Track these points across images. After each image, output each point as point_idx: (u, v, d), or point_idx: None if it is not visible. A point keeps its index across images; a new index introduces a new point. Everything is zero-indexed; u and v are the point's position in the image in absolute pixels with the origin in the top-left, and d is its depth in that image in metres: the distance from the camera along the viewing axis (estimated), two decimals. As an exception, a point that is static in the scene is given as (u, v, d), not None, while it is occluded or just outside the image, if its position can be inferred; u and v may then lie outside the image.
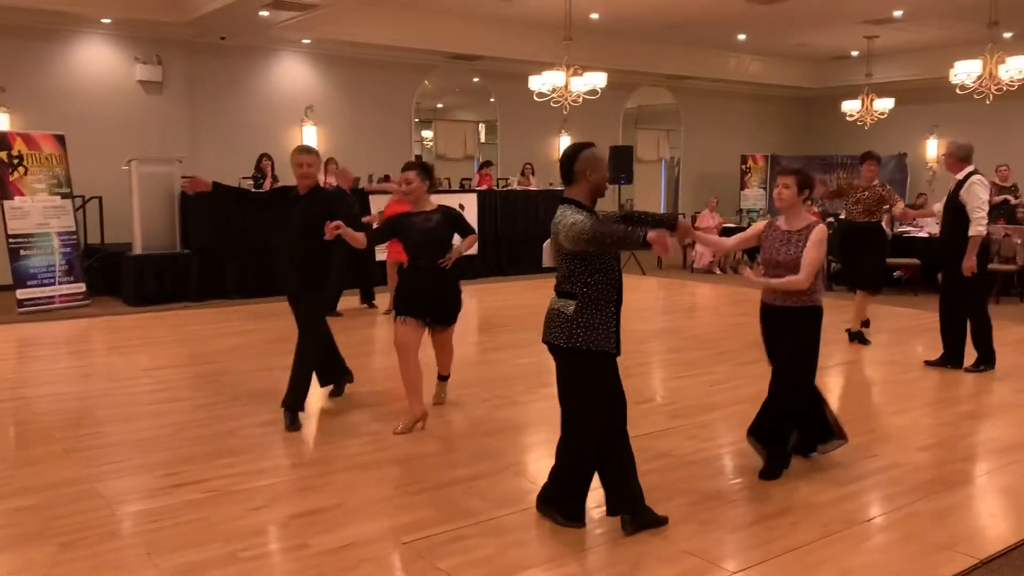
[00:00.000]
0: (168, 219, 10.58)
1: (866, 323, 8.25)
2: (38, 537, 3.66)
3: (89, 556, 3.50)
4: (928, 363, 6.99)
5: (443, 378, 5.83)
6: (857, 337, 8.00)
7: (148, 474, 4.45)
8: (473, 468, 4.55)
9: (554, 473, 3.86)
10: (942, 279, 7.06)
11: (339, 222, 4.98)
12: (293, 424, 5.24)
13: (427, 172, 5.30)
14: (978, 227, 6.45)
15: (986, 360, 6.80)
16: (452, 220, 5.33)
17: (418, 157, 15.29)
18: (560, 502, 3.81)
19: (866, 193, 7.80)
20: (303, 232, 5.19)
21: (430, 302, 5.23)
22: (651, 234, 3.33)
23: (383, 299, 9.75)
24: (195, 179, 5.40)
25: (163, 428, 5.29)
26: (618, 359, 3.69)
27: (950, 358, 6.88)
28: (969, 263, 6.47)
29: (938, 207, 7.17)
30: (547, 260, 4.02)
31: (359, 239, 5.13)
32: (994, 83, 11.15)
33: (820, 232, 4.26)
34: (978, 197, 6.45)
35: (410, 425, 5.17)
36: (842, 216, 9.82)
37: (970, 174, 6.54)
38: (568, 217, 3.55)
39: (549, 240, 3.80)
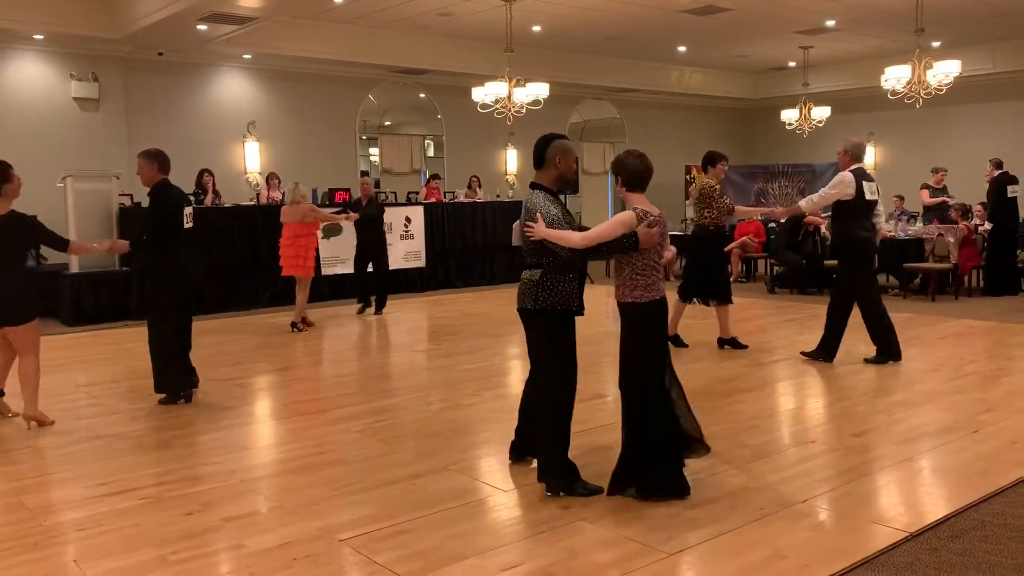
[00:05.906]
0: (105, 236, 10.32)
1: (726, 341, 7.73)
2: (-42, 549, 3.53)
3: (13, 566, 3.37)
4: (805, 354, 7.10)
5: None
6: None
7: (77, 485, 4.32)
8: (415, 467, 4.51)
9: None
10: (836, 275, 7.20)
11: None
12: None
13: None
14: (804, 203, 6.89)
15: (889, 353, 6.91)
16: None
17: (364, 172, 15.24)
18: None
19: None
20: None
21: None
22: (640, 232, 3.77)
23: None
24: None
25: (96, 440, 5.15)
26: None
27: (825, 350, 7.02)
28: (778, 213, 8.42)
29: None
30: (516, 239, 4.14)
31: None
32: (923, 88, 11.51)
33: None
34: (832, 184, 6.73)
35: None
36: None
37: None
38: (541, 205, 3.89)
39: (519, 221, 4.00)
